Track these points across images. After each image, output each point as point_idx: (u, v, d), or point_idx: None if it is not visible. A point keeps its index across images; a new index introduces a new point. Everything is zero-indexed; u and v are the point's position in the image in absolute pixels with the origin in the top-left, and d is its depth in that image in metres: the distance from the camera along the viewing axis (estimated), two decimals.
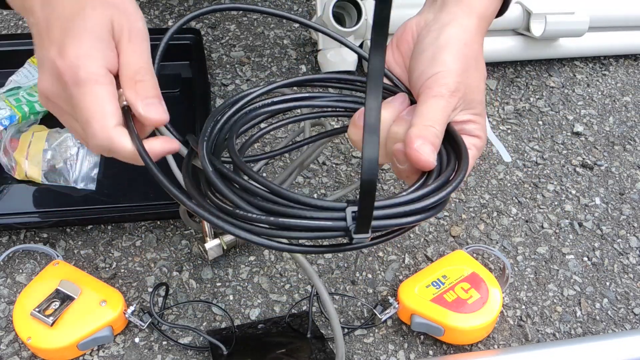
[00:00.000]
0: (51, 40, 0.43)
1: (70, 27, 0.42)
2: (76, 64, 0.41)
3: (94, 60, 0.42)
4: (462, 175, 0.44)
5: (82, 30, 0.42)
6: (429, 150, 0.45)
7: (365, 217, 0.36)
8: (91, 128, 0.42)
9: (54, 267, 0.57)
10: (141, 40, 0.44)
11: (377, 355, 0.58)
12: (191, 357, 0.56)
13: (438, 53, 0.49)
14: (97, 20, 0.42)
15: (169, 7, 0.88)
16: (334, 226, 0.37)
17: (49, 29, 0.43)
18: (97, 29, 0.42)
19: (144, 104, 0.42)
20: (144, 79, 0.43)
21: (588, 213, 0.72)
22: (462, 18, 0.51)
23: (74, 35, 0.42)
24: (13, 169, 0.63)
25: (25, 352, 0.55)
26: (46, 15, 0.43)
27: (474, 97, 0.50)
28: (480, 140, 0.51)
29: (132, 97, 0.42)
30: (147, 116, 0.42)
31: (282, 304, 0.61)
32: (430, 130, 0.46)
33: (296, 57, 0.84)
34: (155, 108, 0.43)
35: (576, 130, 0.80)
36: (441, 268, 0.60)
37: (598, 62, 0.90)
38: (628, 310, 0.63)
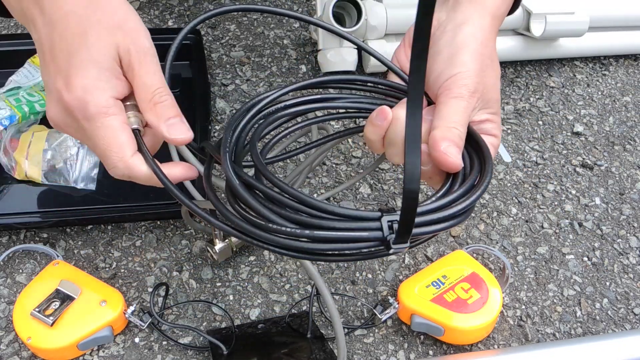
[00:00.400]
0: (56, 68, 0.42)
1: (75, 55, 0.42)
2: (84, 99, 0.41)
3: (101, 92, 0.42)
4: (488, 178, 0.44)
5: (86, 60, 0.41)
6: (455, 152, 0.45)
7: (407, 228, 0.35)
8: (110, 160, 0.43)
9: (54, 267, 0.57)
10: (151, 59, 0.43)
11: (377, 355, 0.58)
12: (191, 357, 0.56)
13: (456, 54, 0.50)
14: (102, 48, 0.42)
15: (169, 7, 0.88)
16: (370, 237, 0.36)
17: (53, 52, 0.42)
18: (102, 59, 0.42)
19: (167, 125, 0.43)
20: (162, 100, 0.43)
21: (588, 213, 0.72)
22: (476, 17, 0.51)
23: (79, 65, 0.41)
24: (13, 169, 0.63)
25: (25, 352, 0.55)
26: (48, 34, 0.43)
27: (491, 96, 0.50)
28: (497, 139, 0.51)
29: (154, 121, 0.43)
30: (172, 137, 0.43)
31: (282, 304, 0.61)
32: (454, 132, 0.46)
33: (296, 57, 0.84)
34: (179, 128, 0.43)
35: (576, 130, 0.80)
36: (441, 268, 0.60)
37: (598, 62, 0.90)
38: (628, 310, 0.63)
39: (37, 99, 0.67)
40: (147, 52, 0.43)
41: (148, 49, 0.43)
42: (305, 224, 0.37)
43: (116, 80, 0.42)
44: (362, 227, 0.36)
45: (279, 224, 0.37)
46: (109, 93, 0.42)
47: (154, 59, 0.44)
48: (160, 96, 0.43)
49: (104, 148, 0.42)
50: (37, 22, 0.43)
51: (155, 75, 0.43)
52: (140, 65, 0.43)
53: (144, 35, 0.44)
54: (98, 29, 0.42)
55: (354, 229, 0.36)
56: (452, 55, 0.49)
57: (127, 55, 0.42)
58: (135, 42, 0.43)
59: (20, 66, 0.70)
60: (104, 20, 0.42)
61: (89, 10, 0.42)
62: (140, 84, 0.43)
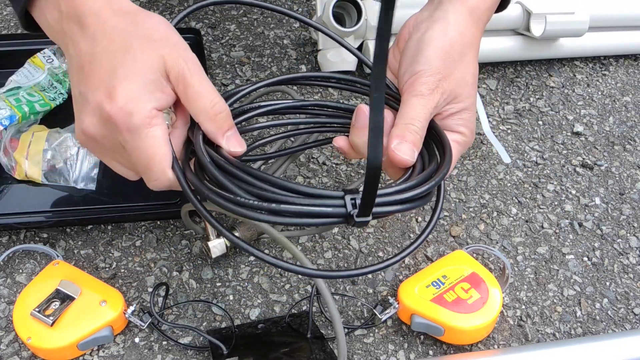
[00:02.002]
0: (97, 81, 0.42)
1: (119, 67, 0.41)
2: (128, 109, 0.41)
3: (146, 103, 0.42)
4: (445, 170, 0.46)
5: (131, 71, 0.41)
6: (406, 149, 0.47)
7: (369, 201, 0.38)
8: (152, 172, 0.43)
9: (54, 267, 0.57)
10: (201, 70, 0.44)
11: (377, 355, 0.58)
12: (191, 357, 0.56)
13: (421, 51, 0.50)
14: (147, 60, 0.42)
15: (169, 7, 0.88)
16: (334, 212, 0.40)
17: (93, 65, 0.42)
18: (147, 71, 0.42)
19: (225, 137, 0.44)
20: (221, 111, 0.44)
21: (588, 213, 0.72)
22: (451, 13, 0.51)
23: (123, 77, 0.41)
24: (13, 169, 0.63)
25: (25, 352, 0.55)
26: (90, 48, 0.42)
27: (460, 91, 0.50)
28: (463, 136, 0.51)
29: (213, 131, 0.44)
30: (230, 149, 0.45)
31: (282, 304, 0.61)
32: (410, 129, 0.47)
33: (296, 57, 0.84)
34: (236, 140, 0.45)
35: (576, 130, 0.80)
36: (441, 268, 0.60)
37: (598, 62, 0.90)
38: (628, 310, 0.63)
39: (37, 99, 0.67)
40: (197, 63, 0.44)
41: (196, 60, 0.44)
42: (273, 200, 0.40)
43: (160, 93, 0.42)
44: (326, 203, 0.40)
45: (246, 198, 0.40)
46: (153, 104, 0.42)
47: (204, 72, 0.44)
48: (219, 106, 0.44)
49: (148, 158, 0.42)
50: (78, 39, 0.43)
51: (209, 85, 0.44)
52: (193, 75, 0.43)
53: (187, 48, 0.44)
54: (143, 43, 0.42)
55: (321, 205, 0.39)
56: (417, 52, 0.50)
57: (177, 66, 0.42)
58: (184, 53, 0.43)
59: (20, 66, 0.70)
60: (148, 35, 0.43)
61: (132, 27, 0.43)
62: (196, 94, 0.43)
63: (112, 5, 0.43)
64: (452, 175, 0.74)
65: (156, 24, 0.44)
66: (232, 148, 0.44)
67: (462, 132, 0.51)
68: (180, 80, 0.43)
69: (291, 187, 0.40)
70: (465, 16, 0.51)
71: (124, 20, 0.43)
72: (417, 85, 0.49)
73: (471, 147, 0.77)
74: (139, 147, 0.42)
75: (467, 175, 0.74)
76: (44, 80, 0.70)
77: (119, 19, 0.43)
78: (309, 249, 0.65)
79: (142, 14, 0.44)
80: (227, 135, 0.44)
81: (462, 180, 0.73)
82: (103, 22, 0.42)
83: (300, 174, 0.72)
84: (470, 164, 0.75)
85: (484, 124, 0.76)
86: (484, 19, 0.53)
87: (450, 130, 0.51)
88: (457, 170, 0.74)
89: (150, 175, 0.44)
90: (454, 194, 0.72)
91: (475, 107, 0.53)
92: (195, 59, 0.44)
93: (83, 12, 0.42)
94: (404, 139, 0.47)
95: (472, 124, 0.52)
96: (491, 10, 0.53)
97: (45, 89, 0.69)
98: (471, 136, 0.52)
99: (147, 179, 0.44)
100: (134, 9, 0.45)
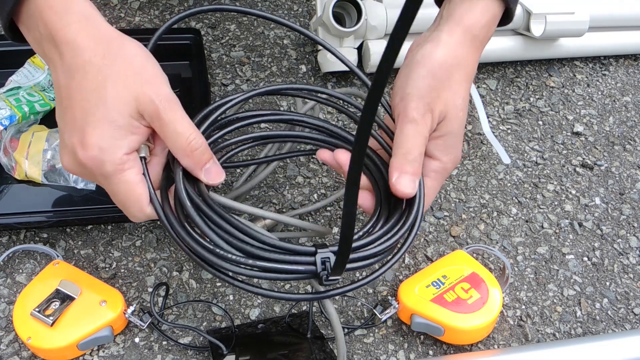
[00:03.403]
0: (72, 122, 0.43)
1: (91, 113, 0.42)
2: (100, 158, 0.43)
3: (117, 150, 0.43)
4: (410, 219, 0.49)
5: (102, 119, 0.42)
6: (407, 181, 0.48)
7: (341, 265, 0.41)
8: (129, 210, 0.46)
9: (54, 267, 0.57)
10: (176, 106, 0.45)
11: (377, 355, 0.58)
12: (191, 357, 0.56)
13: (410, 73, 0.51)
14: (119, 104, 0.43)
15: (169, 7, 0.88)
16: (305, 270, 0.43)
17: (70, 102, 0.43)
18: (119, 116, 0.43)
19: (204, 171, 0.46)
20: (198, 146, 0.45)
21: (588, 213, 0.72)
22: (445, 34, 0.51)
23: (95, 124, 0.42)
24: (13, 169, 0.63)
25: (25, 352, 0.55)
26: (66, 83, 0.43)
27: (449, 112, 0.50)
28: (443, 164, 0.51)
29: (192, 166, 0.46)
30: (210, 182, 0.47)
31: (282, 304, 0.61)
32: (408, 158, 0.49)
33: (296, 57, 0.84)
34: (215, 171, 0.47)
35: (576, 130, 0.80)
36: (441, 268, 0.60)
37: (598, 62, 0.90)
38: (628, 310, 0.63)
39: (37, 99, 0.67)
40: (171, 99, 0.44)
41: (171, 96, 0.44)
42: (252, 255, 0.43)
43: (132, 135, 0.44)
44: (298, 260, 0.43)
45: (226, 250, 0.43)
46: (125, 150, 0.43)
47: (179, 105, 0.45)
48: (196, 142, 0.45)
49: (124, 200, 0.45)
50: (57, 66, 0.44)
51: (184, 121, 0.45)
52: (167, 113, 0.44)
53: (164, 82, 0.45)
54: (116, 82, 0.43)
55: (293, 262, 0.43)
56: (408, 74, 0.51)
57: (151, 105, 0.43)
58: (157, 90, 0.44)
59: (20, 66, 0.70)
60: (123, 70, 0.43)
61: (107, 60, 0.43)
62: (172, 132, 0.44)
63: (88, 30, 0.43)
64: (452, 175, 0.74)
65: (131, 56, 0.44)
66: (211, 181, 0.46)
67: (441, 160, 0.51)
68: (155, 119, 0.44)
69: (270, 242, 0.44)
70: (458, 36, 0.51)
71: (99, 53, 0.43)
72: (409, 110, 0.49)
73: (471, 147, 0.77)
74: (115, 191, 0.45)
75: (467, 175, 0.74)
76: (44, 80, 0.70)
77: (93, 49, 0.43)
78: None
79: (117, 42, 0.44)
80: (206, 169, 0.46)
81: (462, 180, 0.73)
82: (78, 53, 0.43)
83: (301, 174, 0.72)
84: (470, 164, 0.75)
85: (484, 124, 0.76)
86: (480, 37, 0.52)
87: (431, 156, 0.51)
88: (457, 170, 0.74)
89: (129, 213, 0.46)
90: (454, 194, 0.72)
91: (463, 131, 0.53)
92: (169, 93, 0.44)
93: (60, 38, 0.43)
94: (403, 171, 0.48)
95: (456, 150, 0.52)
96: (489, 27, 0.53)
97: (45, 89, 0.69)
98: (452, 163, 0.52)
99: (126, 214, 0.47)
100: (110, 35, 0.44)
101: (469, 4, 0.51)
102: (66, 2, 0.43)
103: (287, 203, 0.69)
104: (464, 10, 0.51)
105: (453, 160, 0.52)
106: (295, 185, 0.71)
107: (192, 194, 0.45)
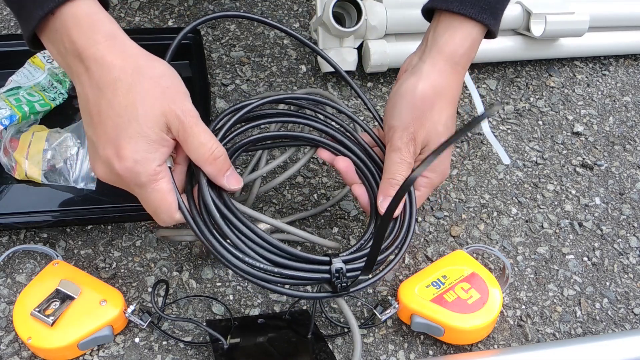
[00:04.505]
0: (105, 135, 0.46)
1: (125, 128, 0.46)
2: (136, 170, 0.46)
3: (151, 162, 0.47)
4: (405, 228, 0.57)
5: (137, 134, 0.46)
6: None
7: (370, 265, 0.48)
8: (159, 217, 0.50)
9: (54, 267, 0.57)
10: (199, 120, 0.49)
11: (377, 355, 0.58)
12: (191, 357, 0.56)
13: (394, 105, 0.57)
14: (150, 120, 0.46)
15: (169, 7, 0.88)
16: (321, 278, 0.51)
17: (101, 117, 0.46)
18: (151, 131, 0.46)
19: (225, 177, 0.50)
20: (220, 155, 0.49)
21: (588, 213, 0.72)
22: (427, 65, 0.57)
23: (129, 137, 0.46)
24: (13, 169, 0.63)
25: (26, 352, 0.55)
26: (96, 98, 0.46)
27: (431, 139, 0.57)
28: (429, 179, 0.59)
29: (214, 173, 0.50)
30: (230, 187, 0.51)
31: (282, 304, 0.61)
32: (392, 183, 0.56)
33: (296, 57, 0.84)
34: (235, 178, 0.51)
35: (576, 130, 0.80)
36: (441, 268, 0.60)
37: (598, 62, 0.90)
38: (628, 310, 0.63)
39: (37, 98, 0.67)
40: (195, 115, 0.48)
41: (194, 112, 0.48)
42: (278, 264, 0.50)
43: (162, 148, 0.47)
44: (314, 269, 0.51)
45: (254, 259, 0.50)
46: (157, 162, 0.47)
47: (199, 118, 0.49)
48: (218, 151, 0.49)
49: (156, 207, 0.49)
50: (83, 80, 0.46)
51: (207, 133, 0.49)
52: (192, 127, 0.48)
53: (187, 98, 0.49)
54: (145, 100, 0.46)
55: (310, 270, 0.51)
56: (393, 106, 0.58)
57: (177, 121, 0.47)
58: (182, 107, 0.47)
59: (20, 66, 0.70)
60: (151, 88, 0.46)
61: (135, 78, 0.46)
62: (196, 143, 0.48)
63: (116, 49, 0.46)
64: (452, 175, 0.74)
65: (159, 75, 0.47)
66: (232, 186, 0.51)
67: (429, 177, 0.59)
68: (181, 132, 0.47)
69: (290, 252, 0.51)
70: (441, 65, 0.57)
71: (128, 70, 0.46)
72: (394, 140, 0.56)
73: (471, 147, 0.77)
74: (148, 199, 0.49)
75: (467, 175, 0.74)
76: (44, 80, 0.70)
77: (122, 67, 0.45)
78: (308, 248, 0.65)
79: (143, 60, 0.47)
80: (227, 175, 0.50)
81: (462, 180, 0.73)
82: (107, 71, 0.45)
83: (301, 174, 0.72)
84: (470, 164, 0.75)
85: (484, 124, 0.76)
86: (461, 63, 0.57)
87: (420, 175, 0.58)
88: (457, 170, 0.74)
89: (159, 218, 0.50)
90: (454, 194, 0.72)
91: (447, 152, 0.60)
92: (192, 108, 0.48)
93: (87, 56, 0.45)
94: (387, 194, 0.56)
95: (442, 168, 0.59)
96: (469, 52, 0.57)
97: (46, 88, 0.69)
98: (439, 177, 0.59)
99: (156, 219, 0.51)
100: (136, 54, 0.47)
101: (450, 33, 0.56)
102: (94, 22, 0.45)
103: (287, 203, 0.69)
104: (445, 40, 0.56)
105: (440, 176, 0.59)
106: (295, 185, 0.71)
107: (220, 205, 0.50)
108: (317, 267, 0.51)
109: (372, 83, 0.82)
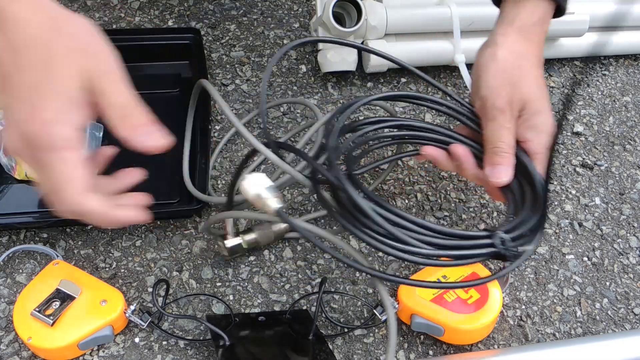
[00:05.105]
0: (19, 97, 0.42)
1: (39, 87, 0.42)
2: (47, 130, 0.41)
3: (64, 125, 0.42)
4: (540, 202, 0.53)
5: (51, 92, 0.42)
6: (499, 172, 0.55)
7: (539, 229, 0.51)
8: (61, 193, 0.43)
9: (54, 267, 0.57)
10: (118, 79, 0.44)
11: (377, 355, 0.58)
12: (191, 357, 0.56)
13: (479, 77, 0.58)
14: (66, 77, 0.42)
15: (169, 7, 0.88)
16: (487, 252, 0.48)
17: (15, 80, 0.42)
18: (67, 89, 0.42)
19: (136, 136, 0.44)
20: (131, 113, 0.44)
21: (588, 213, 0.72)
22: (499, 36, 0.58)
23: (43, 96, 0.41)
24: (13, 169, 0.63)
25: (26, 352, 0.55)
26: (12, 59, 0.42)
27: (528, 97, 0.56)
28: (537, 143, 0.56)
29: (125, 134, 0.44)
30: (145, 147, 0.44)
31: (282, 304, 0.61)
32: (497, 152, 0.55)
33: (296, 57, 0.84)
34: (149, 136, 0.44)
35: (576, 130, 0.80)
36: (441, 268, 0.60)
37: (598, 62, 0.90)
38: (628, 310, 0.63)
39: None
40: (113, 72, 0.44)
41: (115, 70, 0.44)
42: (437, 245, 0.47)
43: (80, 110, 0.43)
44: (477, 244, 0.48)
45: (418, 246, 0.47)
46: (72, 125, 0.42)
47: (122, 79, 0.44)
48: (129, 110, 0.44)
49: (57, 180, 0.42)
50: None
51: (124, 93, 0.44)
52: (110, 84, 0.43)
53: (109, 56, 0.44)
54: (63, 56, 0.42)
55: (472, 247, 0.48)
56: (478, 79, 0.58)
57: (96, 79, 0.43)
58: (100, 65, 0.43)
59: None
60: (69, 44, 0.42)
61: (52, 34, 0.42)
62: (110, 104, 0.43)
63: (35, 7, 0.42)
64: (452, 175, 0.74)
65: (77, 30, 0.44)
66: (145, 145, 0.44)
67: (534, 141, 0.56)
68: (99, 93, 0.43)
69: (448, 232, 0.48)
70: (513, 36, 0.57)
71: (44, 27, 0.42)
72: (488, 109, 0.56)
73: None
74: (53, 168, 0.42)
75: None
76: None
77: (39, 23, 0.42)
78: (308, 249, 0.65)
79: (63, 17, 0.43)
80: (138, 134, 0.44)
81: (462, 180, 0.73)
82: (22, 29, 0.42)
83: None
84: None
85: None
86: (533, 33, 0.58)
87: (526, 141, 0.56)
88: None
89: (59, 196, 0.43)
90: (453, 194, 0.72)
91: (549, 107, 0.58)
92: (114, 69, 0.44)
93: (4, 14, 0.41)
94: (494, 163, 0.55)
95: (546, 126, 0.57)
96: (540, 23, 0.58)
97: None
98: (547, 137, 0.57)
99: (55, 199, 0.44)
100: (56, 11, 0.44)
101: (518, 8, 0.58)
102: None
103: (287, 203, 0.69)
104: (513, 14, 0.58)
105: (547, 134, 0.57)
106: (295, 184, 0.71)
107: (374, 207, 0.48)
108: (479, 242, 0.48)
109: (372, 83, 0.82)
